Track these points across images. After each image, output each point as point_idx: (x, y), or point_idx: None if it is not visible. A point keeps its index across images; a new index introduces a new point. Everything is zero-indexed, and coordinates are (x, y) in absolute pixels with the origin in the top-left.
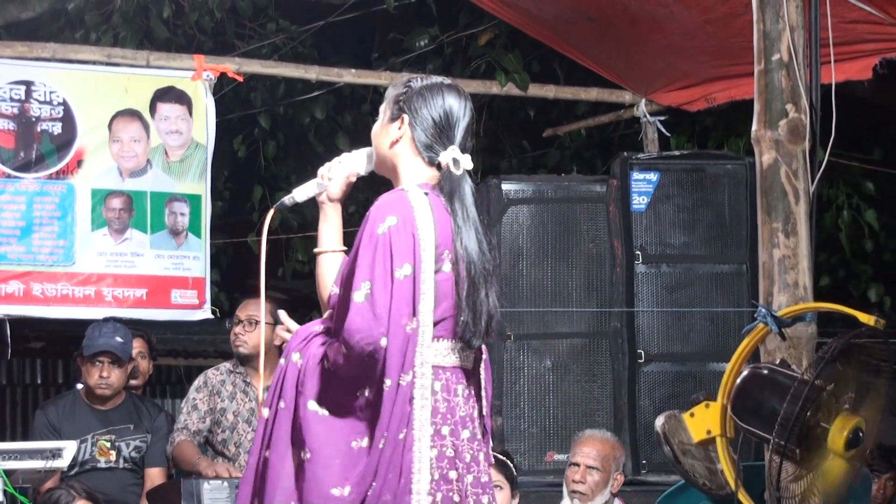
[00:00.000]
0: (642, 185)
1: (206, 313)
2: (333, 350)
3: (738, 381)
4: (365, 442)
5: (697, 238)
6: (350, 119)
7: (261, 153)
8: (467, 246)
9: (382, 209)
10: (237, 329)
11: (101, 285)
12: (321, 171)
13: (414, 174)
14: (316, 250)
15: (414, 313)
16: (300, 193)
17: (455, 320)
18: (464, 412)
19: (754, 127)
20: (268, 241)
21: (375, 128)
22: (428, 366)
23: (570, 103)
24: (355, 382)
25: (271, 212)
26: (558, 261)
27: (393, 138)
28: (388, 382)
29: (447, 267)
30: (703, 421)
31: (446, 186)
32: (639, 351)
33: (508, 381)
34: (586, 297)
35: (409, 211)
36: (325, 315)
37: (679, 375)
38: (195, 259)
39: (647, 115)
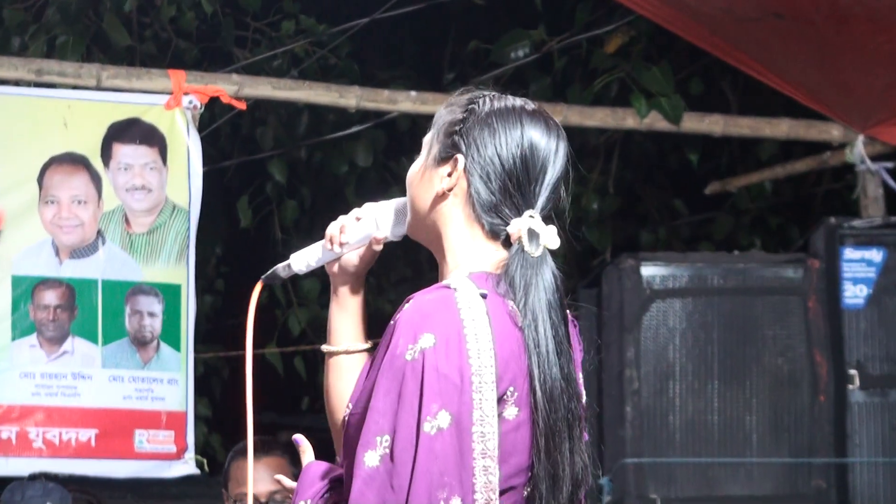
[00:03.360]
0: (860, 267)
1: (188, 467)
2: None
3: None
4: None
5: None
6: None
7: (275, 219)
8: (546, 375)
9: (414, 320)
10: None
11: (27, 424)
12: (330, 230)
13: (468, 252)
14: (325, 348)
15: (461, 485)
16: (300, 260)
17: (522, 489)
18: None
19: None
20: (291, 350)
21: (413, 169)
22: None
23: (749, 143)
24: None
25: (258, 287)
26: (729, 385)
27: (439, 190)
28: None
29: (511, 411)
30: None
31: (516, 275)
32: None
33: None
34: (773, 442)
35: (455, 326)
36: (339, 454)
37: None
38: (171, 383)
39: (867, 161)
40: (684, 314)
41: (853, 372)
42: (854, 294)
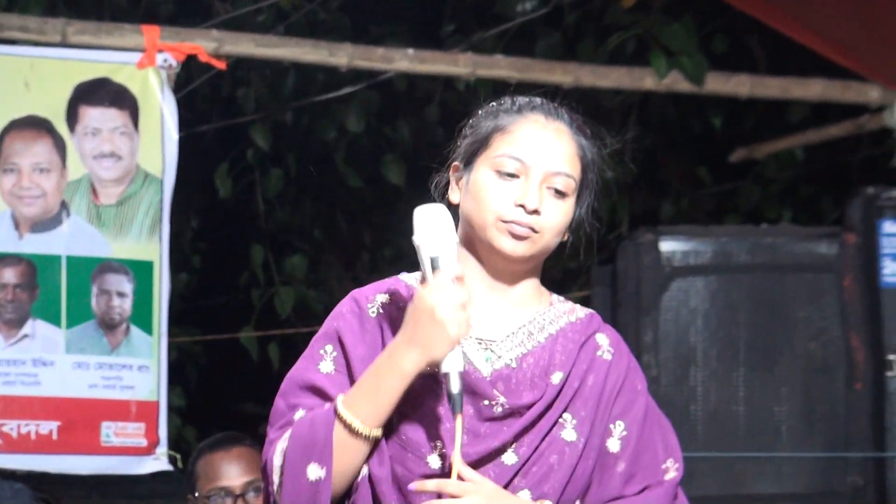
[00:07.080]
0: None
1: (160, 463)
2: None
3: None
4: None
5: None
6: (407, 132)
7: (257, 190)
8: None
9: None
10: None
11: None
12: (453, 321)
13: None
14: (365, 429)
15: None
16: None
17: None
18: None
19: None
20: (273, 335)
21: (566, 219)
22: None
23: (778, 106)
24: None
25: (459, 419)
26: (757, 372)
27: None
28: None
29: None
30: None
31: None
32: None
33: None
34: (805, 434)
35: None
36: None
37: None
38: (142, 370)
39: None
40: (707, 294)
41: (893, 357)
42: (894, 272)
